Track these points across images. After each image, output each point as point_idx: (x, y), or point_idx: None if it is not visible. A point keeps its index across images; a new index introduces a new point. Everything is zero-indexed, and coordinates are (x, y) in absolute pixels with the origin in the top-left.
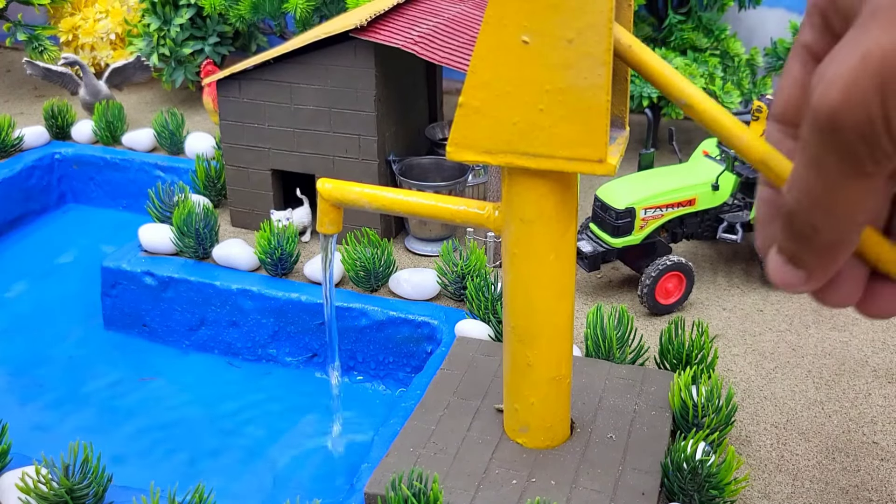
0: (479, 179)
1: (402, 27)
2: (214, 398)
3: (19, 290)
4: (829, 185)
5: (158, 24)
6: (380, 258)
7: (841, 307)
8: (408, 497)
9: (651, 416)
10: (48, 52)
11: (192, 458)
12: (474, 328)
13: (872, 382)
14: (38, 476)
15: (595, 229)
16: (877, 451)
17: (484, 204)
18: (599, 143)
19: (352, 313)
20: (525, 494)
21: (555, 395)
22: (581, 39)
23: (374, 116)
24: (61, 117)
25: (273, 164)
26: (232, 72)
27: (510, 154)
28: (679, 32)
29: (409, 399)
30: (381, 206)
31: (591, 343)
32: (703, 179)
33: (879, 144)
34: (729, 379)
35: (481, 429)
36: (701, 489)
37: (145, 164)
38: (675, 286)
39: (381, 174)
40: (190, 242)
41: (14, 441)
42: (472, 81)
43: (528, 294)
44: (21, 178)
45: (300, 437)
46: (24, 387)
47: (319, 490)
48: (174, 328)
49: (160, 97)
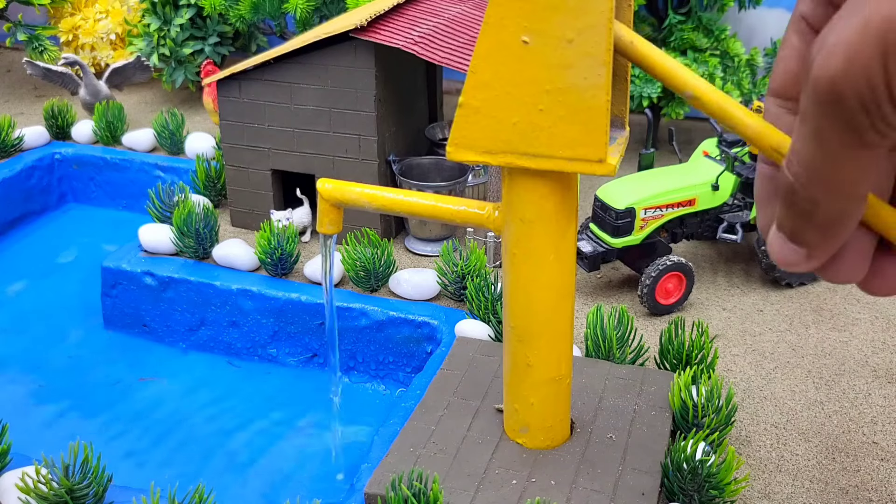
0: (479, 179)
1: (403, 27)
2: (214, 398)
3: (19, 289)
4: (830, 157)
5: (158, 25)
6: (380, 258)
7: (846, 283)
8: (408, 497)
9: (651, 417)
10: (48, 53)
11: (192, 458)
12: (474, 328)
13: (872, 382)
14: (38, 476)
15: (595, 229)
16: (877, 451)
17: (484, 204)
18: (599, 143)
19: (352, 313)
20: (525, 494)
21: (555, 395)
22: (581, 39)
23: (374, 116)
24: (61, 117)
25: (273, 165)
26: (232, 72)
27: (510, 154)
28: (679, 33)
29: (409, 399)
30: (381, 206)
31: (591, 343)
32: (703, 180)
33: (881, 113)
34: (729, 379)
35: (481, 429)
36: (701, 489)
37: (145, 165)
38: (675, 286)
39: (381, 174)
40: (190, 242)
41: (14, 441)
42: (473, 81)
43: (528, 294)
44: (21, 179)
45: (300, 437)
46: (24, 387)
47: (319, 490)
48: (174, 328)
49: (160, 97)
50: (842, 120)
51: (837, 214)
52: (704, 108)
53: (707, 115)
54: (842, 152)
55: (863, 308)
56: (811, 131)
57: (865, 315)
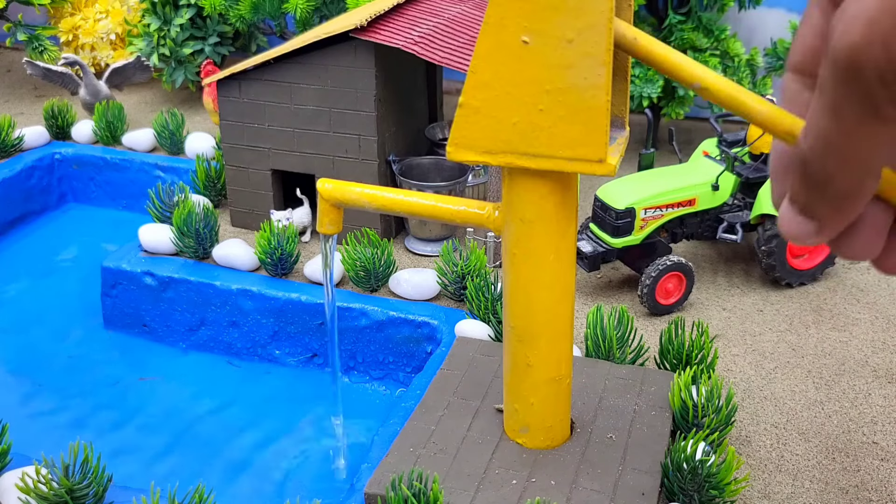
0: (479, 179)
1: (403, 27)
2: (214, 398)
3: (20, 289)
4: (846, 130)
5: (158, 25)
6: (380, 258)
7: (861, 259)
8: (408, 497)
9: (651, 417)
10: (48, 53)
11: (192, 457)
12: (474, 328)
13: (872, 382)
14: (38, 476)
15: (595, 229)
16: (877, 451)
17: (484, 204)
18: (599, 143)
19: (352, 313)
20: (525, 494)
21: (555, 395)
22: (581, 39)
23: (374, 116)
24: (61, 117)
25: (273, 165)
26: (232, 72)
27: (510, 154)
28: (679, 33)
29: (409, 399)
30: (381, 206)
31: (591, 343)
32: (703, 180)
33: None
34: (729, 379)
35: (481, 429)
36: (701, 489)
37: (145, 165)
38: (675, 286)
39: (381, 174)
40: (190, 242)
41: (14, 441)
42: (473, 81)
43: (528, 294)
44: (21, 179)
45: (300, 437)
46: (24, 386)
47: (319, 490)
48: (174, 328)
49: (160, 97)
50: (859, 92)
51: (850, 188)
52: (714, 98)
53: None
54: (858, 126)
55: (863, 308)
56: (828, 103)
57: (865, 315)
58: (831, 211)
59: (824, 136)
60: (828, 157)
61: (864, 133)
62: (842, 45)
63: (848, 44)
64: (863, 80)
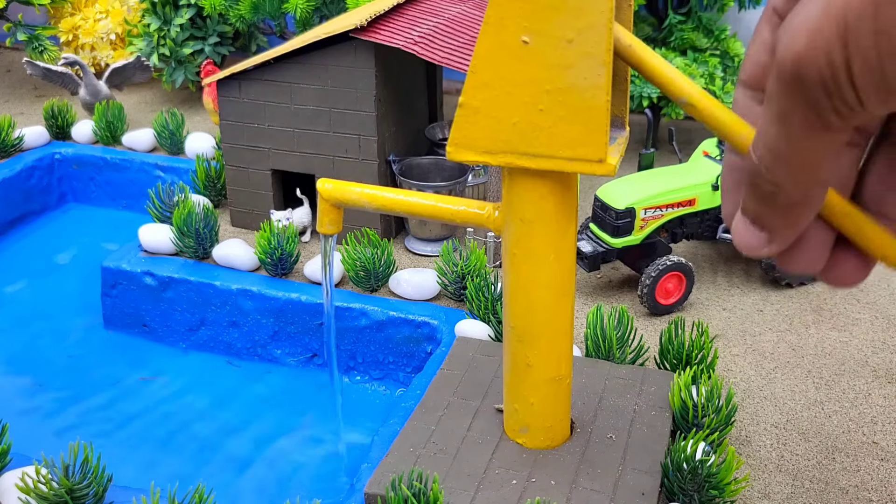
0: (479, 179)
1: (403, 27)
2: (214, 398)
3: (19, 289)
4: (793, 139)
5: (158, 25)
6: (380, 258)
7: (805, 272)
8: (408, 497)
9: (651, 417)
10: (48, 53)
11: (192, 458)
12: (474, 328)
13: (872, 382)
14: (38, 476)
15: (595, 229)
16: (877, 451)
17: (484, 204)
18: (599, 143)
19: (352, 313)
20: (525, 494)
21: (555, 395)
22: (581, 39)
23: (374, 116)
24: (61, 117)
25: (273, 165)
26: (232, 72)
27: (510, 154)
28: (679, 32)
29: (409, 399)
30: (381, 206)
31: (591, 343)
32: (703, 179)
33: (842, 94)
34: (729, 379)
35: (481, 429)
36: (701, 489)
37: (145, 165)
38: (675, 286)
39: (381, 174)
40: (190, 242)
41: (14, 441)
42: (473, 81)
43: (528, 294)
44: (21, 179)
45: (300, 437)
46: (24, 386)
47: (319, 490)
48: (174, 328)
49: (160, 97)
50: (804, 100)
51: (799, 198)
52: (698, 116)
53: None
54: (804, 134)
55: (863, 308)
56: (776, 113)
57: (865, 315)
58: (781, 220)
59: (773, 145)
60: (777, 167)
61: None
62: (787, 55)
63: (793, 54)
64: (807, 90)
